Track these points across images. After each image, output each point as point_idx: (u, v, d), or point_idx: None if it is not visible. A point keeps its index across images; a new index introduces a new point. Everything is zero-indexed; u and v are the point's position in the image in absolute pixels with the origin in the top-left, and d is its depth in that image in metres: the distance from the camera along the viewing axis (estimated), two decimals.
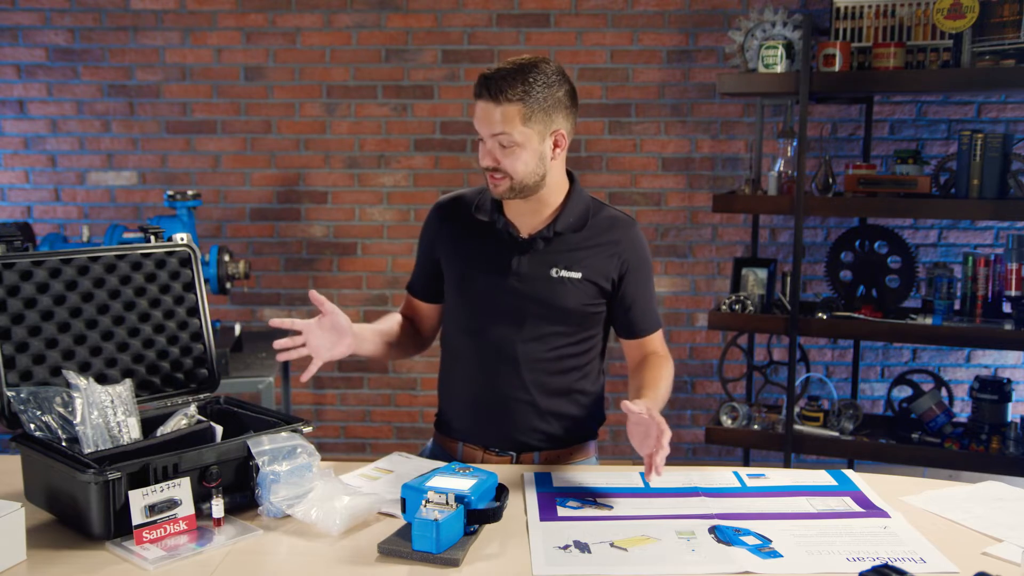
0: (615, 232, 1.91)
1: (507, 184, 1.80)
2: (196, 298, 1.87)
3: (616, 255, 1.90)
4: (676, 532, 1.53)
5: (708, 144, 3.80)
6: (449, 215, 1.97)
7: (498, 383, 1.91)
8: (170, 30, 3.76)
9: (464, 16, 3.74)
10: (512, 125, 1.75)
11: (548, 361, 1.90)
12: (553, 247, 1.87)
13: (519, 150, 1.77)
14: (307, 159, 3.84)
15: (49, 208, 3.86)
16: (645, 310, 1.95)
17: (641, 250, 1.94)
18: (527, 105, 1.75)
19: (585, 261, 1.88)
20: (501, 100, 1.74)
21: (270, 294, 3.89)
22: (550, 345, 1.89)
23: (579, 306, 1.88)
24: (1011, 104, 3.68)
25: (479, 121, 1.78)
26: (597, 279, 1.88)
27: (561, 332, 1.89)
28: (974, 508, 1.65)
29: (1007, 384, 3.18)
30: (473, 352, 1.94)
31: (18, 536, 1.41)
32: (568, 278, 1.87)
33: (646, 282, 1.95)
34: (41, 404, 1.61)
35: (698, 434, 3.92)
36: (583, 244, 1.88)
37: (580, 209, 1.90)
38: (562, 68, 1.83)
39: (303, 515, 1.52)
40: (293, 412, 3.67)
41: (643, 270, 1.94)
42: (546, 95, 1.76)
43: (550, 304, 1.87)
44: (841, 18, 3.19)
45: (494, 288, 1.88)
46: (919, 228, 3.77)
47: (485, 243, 1.91)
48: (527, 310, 1.87)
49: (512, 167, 1.78)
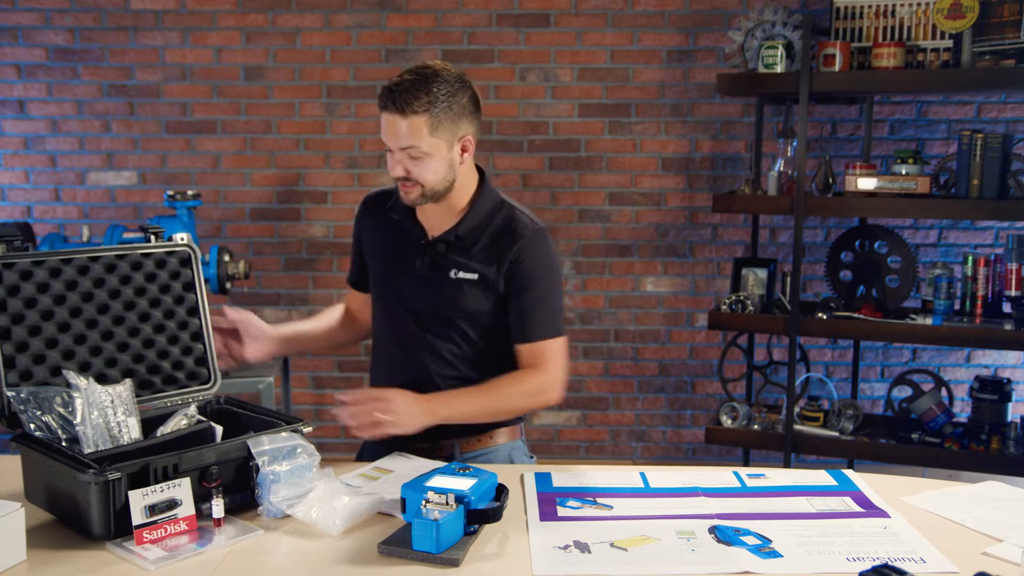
0: (510, 236, 1.91)
1: (418, 191, 1.84)
2: (196, 298, 1.87)
3: (505, 259, 1.90)
4: (676, 532, 1.53)
5: (708, 144, 3.80)
6: (371, 210, 2.06)
7: (409, 375, 1.93)
8: (170, 30, 3.76)
9: (464, 16, 3.74)
10: (419, 137, 1.78)
11: (456, 357, 1.93)
12: (453, 249, 1.91)
13: (428, 160, 1.81)
14: (307, 159, 3.84)
15: (49, 208, 3.86)
16: (529, 315, 1.91)
17: (535, 256, 1.90)
18: (433, 115, 1.77)
19: (481, 263, 1.90)
20: (407, 112, 1.76)
21: (270, 294, 3.89)
22: (455, 343, 1.93)
23: (476, 307, 1.91)
24: (1011, 104, 3.68)
25: (386, 134, 1.81)
26: (491, 281, 1.90)
27: (464, 331, 1.92)
28: (974, 508, 1.65)
29: (1007, 384, 3.18)
30: (388, 345, 2.01)
31: (18, 536, 1.41)
32: (465, 279, 1.90)
33: (537, 288, 1.91)
34: (41, 404, 1.61)
35: (698, 434, 3.92)
36: (481, 247, 1.91)
37: (484, 212, 1.93)
38: (463, 74, 1.85)
39: (303, 515, 1.52)
40: (293, 412, 3.67)
41: (533, 276, 1.90)
42: (450, 103, 1.79)
43: (451, 304, 1.91)
44: (841, 18, 3.19)
45: (401, 286, 1.95)
46: (919, 228, 3.77)
47: (396, 241, 1.98)
48: (431, 310, 1.92)
49: (422, 176, 1.82)
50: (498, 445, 1.99)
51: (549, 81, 3.78)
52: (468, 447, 1.96)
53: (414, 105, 1.76)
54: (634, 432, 3.94)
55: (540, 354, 1.91)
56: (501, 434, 1.99)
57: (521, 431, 2.06)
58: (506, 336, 1.95)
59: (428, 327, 1.93)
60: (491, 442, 1.98)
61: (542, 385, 1.91)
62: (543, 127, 3.80)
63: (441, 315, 1.92)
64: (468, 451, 1.96)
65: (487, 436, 1.97)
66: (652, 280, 3.88)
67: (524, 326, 1.91)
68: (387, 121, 1.80)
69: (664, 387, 3.93)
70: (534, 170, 3.81)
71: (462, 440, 1.95)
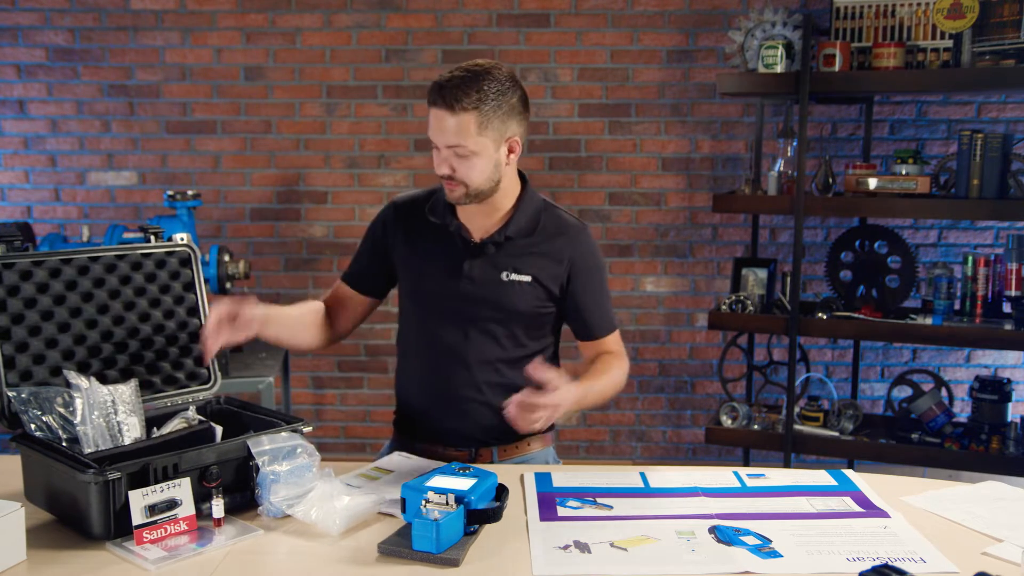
0: (563, 236, 1.92)
1: (463, 191, 1.81)
2: (196, 298, 1.87)
3: (563, 259, 1.90)
4: (676, 532, 1.53)
5: (708, 144, 3.80)
6: (405, 216, 1.98)
7: (452, 384, 1.92)
8: (170, 30, 3.76)
9: (464, 16, 3.74)
10: (467, 135, 1.75)
11: (500, 362, 1.91)
12: (504, 251, 1.89)
13: (475, 159, 1.78)
14: (307, 159, 3.84)
15: (49, 208, 3.86)
16: (596, 313, 1.95)
17: (589, 255, 1.94)
18: (482, 113, 1.75)
19: (534, 264, 1.89)
20: (456, 109, 1.74)
21: (270, 294, 3.89)
22: (502, 346, 1.91)
23: (529, 308, 1.90)
24: (1011, 104, 3.68)
25: (433, 130, 1.79)
26: (546, 282, 1.90)
27: (512, 334, 1.91)
28: (974, 508, 1.65)
29: (1007, 384, 3.18)
30: (427, 353, 1.95)
31: (18, 536, 1.41)
32: (518, 281, 1.88)
33: (595, 286, 1.95)
34: (42, 404, 1.61)
35: (698, 434, 3.92)
36: (532, 248, 1.90)
37: (531, 213, 1.91)
38: (514, 74, 1.83)
39: (303, 515, 1.53)
40: (293, 412, 3.67)
41: (591, 274, 1.94)
42: (500, 103, 1.77)
43: (501, 307, 1.89)
44: (841, 18, 3.19)
45: (446, 291, 1.90)
46: (919, 228, 3.77)
47: (438, 246, 1.92)
48: (479, 313, 1.89)
49: (467, 175, 1.79)
50: (534, 452, 1.99)
51: (549, 81, 3.78)
52: (505, 455, 1.96)
53: (464, 102, 1.73)
54: (634, 432, 3.94)
55: (617, 342, 1.99)
56: (536, 441, 2.00)
57: (552, 438, 2.06)
58: (551, 335, 1.97)
59: (475, 331, 1.90)
60: (528, 449, 1.98)
61: (625, 370, 1.98)
62: (543, 127, 3.80)
63: (491, 318, 1.89)
64: (505, 459, 1.96)
65: (524, 443, 1.98)
66: (652, 280, 3.88)
67: (593, 323, 1.96)
68: (435, 117, 1.77)
69: (664, 387, 3.93)
70: (534, 170, 3.81)
71: (500, 448, 1.96)
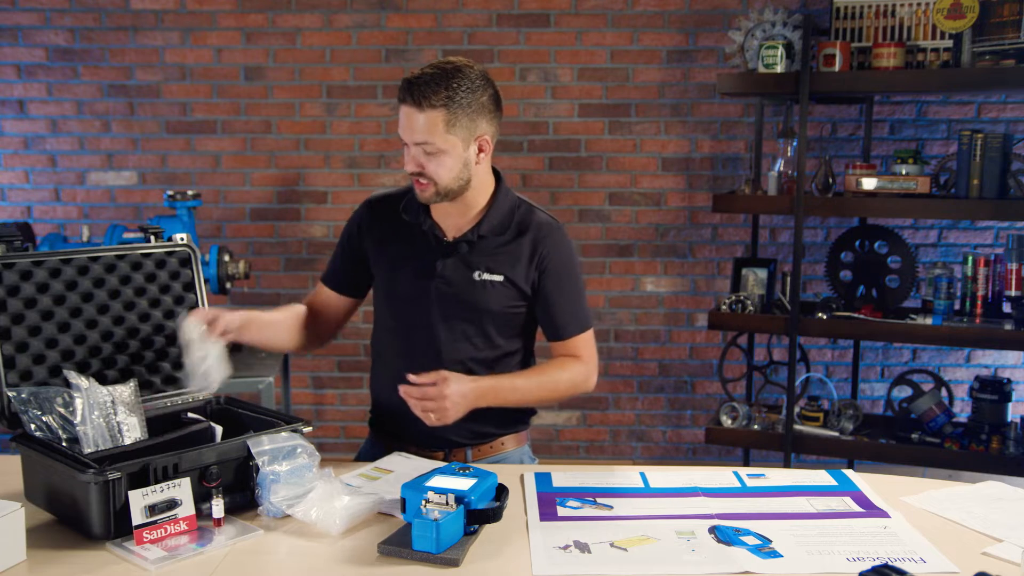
0: (536, 235, 1.91)
1: (432, 189, 1.81)
2: (196, 298, 1.87)
3: (534, 258, 1.90)
4: (676, 532, 1.53)
5: (708, 144, 3.80)
6: (380, 214, 1.98)
7: None
8: (170, 30, 3.76)
9: (464, 16, 3.74)
10: (435, 133, 1.75)
11: (473, 361, 1.90)
12: (476, 250, 1.89)
13: (443, 156, 1.78)
14: (307, 159, 3.84)
15: (49, 208, 3.86)
16: (565, 313, 1.93)
17: (561, 254, 1.92)
18: (451, 111, 1.75)
19: (506, 263, 1.89)
20: (424, 106, 1.74)
21: (270, 294, 3.89)
22: (475, 346, 1.90)
23: (501, 308, 1.89)
24: (1011, 104, 3.68)
25: (403, 127, 1.79)
26: (517, 281, 1.89)
27: (485, 333, 1.90)
28: (974, 508, 1.65)
29: (1007, 384, 3.18)
30: (399, 353, 1.94)
31: (18, 536, 1.41)
32: (490, 281, 1.88)
33: (566, 285, 1.93)
34: (41, 404, 1.61)
35: (698, 434, 3.92)
36: (505, 246, 1.89)
37: (504, 211, 1.91)
38: (486, 72, 1.83)
39: (303, 515, 1.52)
40: (293, 412, 3.67)
41: (562, 273, 1.92)
42: (470, 101, 1.77)
43: (473, 306, 1.88)
44: (841, 18, 3.19)
45: (419, 290, 1.90)
46: (919, 228, 3.77)
47: (411, 244, 1.92)
48: (451, 312, 1.89)
49: (436, 173, 1.79)
50: (508, 452, 1.99)
51: (549, 81, 3.78)
52: (479, 455, 1.96)
53: (432, 99, 1.73)
54: (634, 432, 3.94)
55: (577, 347, 1.95)
56: (510, 440, 1.99)
57: (527, 437, 2.06)
58: (524, 334, 1.96)
59: (447, 331, 1.89)
60: (502, 448, 1.98)
61: (585, 372, 1.94)
62: (543, 127, 3.80)
63: (464, 317, 1.89)
64: (479, 459, 1.96)
65: (498, 443, 1.98)
66: (652, 280, 3.88)
67: (560, 322, 1.93)
68: (404, 114, 1.77)
69: (664, 387, 3.92)
70: (534, 170, 3.81)
71: (474, 448, 1.95)
